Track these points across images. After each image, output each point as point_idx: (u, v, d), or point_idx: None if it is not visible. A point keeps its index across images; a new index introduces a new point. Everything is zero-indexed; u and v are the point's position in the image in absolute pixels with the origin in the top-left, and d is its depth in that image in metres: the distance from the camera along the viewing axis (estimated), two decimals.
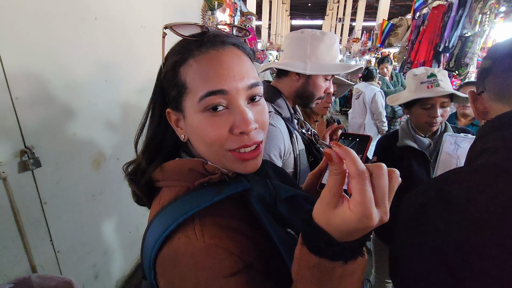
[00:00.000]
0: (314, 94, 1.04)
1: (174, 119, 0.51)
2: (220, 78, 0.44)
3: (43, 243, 1.38)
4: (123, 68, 1.78)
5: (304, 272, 0.35)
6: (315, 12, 25.46)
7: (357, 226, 0.32)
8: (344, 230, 0.33)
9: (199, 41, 0.46)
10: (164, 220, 0.44)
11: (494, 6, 2.93)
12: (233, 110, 0.44)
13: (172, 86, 0.48)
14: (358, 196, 0.31)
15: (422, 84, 1.23)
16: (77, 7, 1.44)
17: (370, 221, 0.31)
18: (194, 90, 0.45)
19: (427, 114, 1.23)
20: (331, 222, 0.33)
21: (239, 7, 4.68)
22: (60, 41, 1.37)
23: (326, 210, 0.34)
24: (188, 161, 0.50)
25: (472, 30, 3.29)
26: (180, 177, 0.49)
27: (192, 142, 0.51)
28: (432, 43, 3.97)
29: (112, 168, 1.75)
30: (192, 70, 0.45)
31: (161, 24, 0.46)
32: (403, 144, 1.27)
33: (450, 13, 3.62)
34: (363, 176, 0.31)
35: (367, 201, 0.31)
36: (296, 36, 1.05)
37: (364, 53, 10.27)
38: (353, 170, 0.32)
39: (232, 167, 0.48)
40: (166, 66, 0.48)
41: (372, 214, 0.31)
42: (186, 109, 0.47)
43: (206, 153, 0.49)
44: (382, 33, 6.73)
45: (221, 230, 0.43)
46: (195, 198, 0.45)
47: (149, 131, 0.53)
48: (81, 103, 1.52)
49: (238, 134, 0.44)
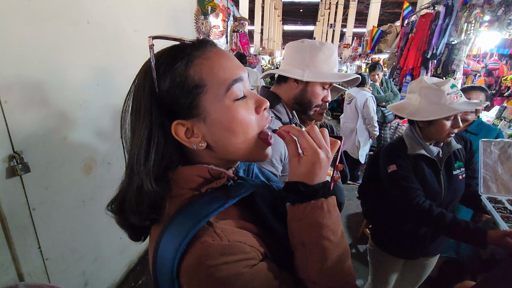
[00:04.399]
0: (312, 102, 1.07)
1: (183, 131, 0.47)
2: (235, 67, 0.48)
3: (31, 250, 1.35)
4: (115, 72, 1.76)
5: (304, 222, 0.46)
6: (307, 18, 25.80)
7: (313, 162, 0.46)
8: (309, 172, 0.46)
9: (197, 44, 0.48)
10: (180, 229, 0.43)
11: (479, 15, 3.03)
12: (249, 94, 0.50)
13: (183, 93, 0.45)
14: (305, 144, 0.46)
15: (449, 96, 1.18)
16: (69, 10, 1.43)
17: (319, 154, 0.46)
18: (215, 84, 0.46)
19: (452, 125, 1.19)
20: (300, 172, 0.46)
21: (232, 12, 4.71)
22: (52, 44, 1.35)
23: (294, 168, 0.47)
24: (193, 168, 0.50)
25: (458, 38, 3.40)
26: (186, 185, 0.49)
27: (218, 141, 0.48)
28: (420, 50, 4.07)
29: (103, 173, 1.72)
30: (205, 67, 0.46)
31: (154, 28, 0.46)
32: (415, 152, 1.25)
33: (437, 21, 3.73)
34: (302, 132, 0.47)
35: (311, 144, 0.46)
36: (297, 45, 1.09)
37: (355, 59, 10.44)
38: (296, 133, 0.48)
39: (258, 154, 0.51)
40: (170, 77, 0.45)
41: (317, 150, 0.46)
42: (208, 107, 0.46)
43: (240, 143, 0.48)
44: (372, 39, 6.87)
45: (237, 230, 0.46)
46: (206, 204, 0.46)
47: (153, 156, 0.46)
48: (72, 107, 1.50)
49: (261, 113, 0.51)
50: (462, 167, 1.32)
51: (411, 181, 1.23)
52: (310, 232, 0.45)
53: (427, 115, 1.19)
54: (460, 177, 1.30)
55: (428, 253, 1.42)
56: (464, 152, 1.37)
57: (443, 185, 1.27)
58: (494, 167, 1.27)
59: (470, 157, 1.39)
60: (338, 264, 0.45)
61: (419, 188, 1.23)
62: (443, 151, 1.29)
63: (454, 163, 1.30)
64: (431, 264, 1.50)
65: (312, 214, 0.45)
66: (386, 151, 1.35)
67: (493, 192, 1.26)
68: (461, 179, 1.30)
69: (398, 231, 1.39)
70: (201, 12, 3.16)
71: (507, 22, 2.72)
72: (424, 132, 1.27)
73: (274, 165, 0.99)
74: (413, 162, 1.26)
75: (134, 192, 0.48)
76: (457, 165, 1.30)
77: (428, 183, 1.25)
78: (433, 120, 1.20)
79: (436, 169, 1.27)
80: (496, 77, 3.62)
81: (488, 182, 1.27)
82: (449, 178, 1.29)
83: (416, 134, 1.27)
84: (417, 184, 1.23)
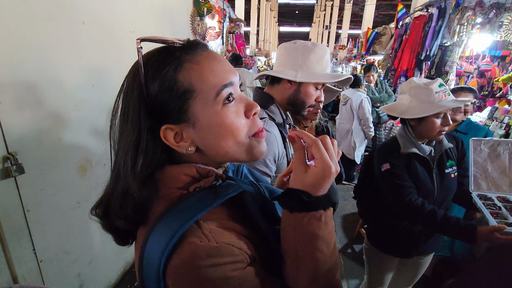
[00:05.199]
0: (305, 102, 1.08)
1: (172, 135, 0.47)
2: (225, 72, 0.47)
3: (25, 252, 1.34)
4: (111, 73, 1.76)
5: (300, 232, 0.44)
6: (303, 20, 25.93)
7: (323, 176, 0.44)
8: (316, 183, 0.44)
9: (187, 47, 0.46)
10: (167, 229, 0.42)
11: (471, 17, 3.09)
12: (239, 98, 0.49)
13: (172, 98, 0.45)
14: (318, 155, 0.44)
15: (437, 94, 1.23)
16: (65, 11, 1.42)
17: (331, 168, 0.44)
18: (206, 88, 0.45)
19: (441, 123, 1.23)
20: (306, 182, 0.45)
21: (228, 14, 4.72)
22: (47, 45, 1.35)
23: (300, 176, 0.45)
24: (180, 167, 0.49)
25: (451, 40, 3.46)
26: (174, 184, 0.48)
27: (208, 145, 0.48)
28: (414, 52, 4.13)
29: (98, 174, 1.71)
30: (194, 71, 0.45)
31: (149, 29, 0.46)
32: (408, 151, 1.28)
33: (431, 23, 3.78)
34: (317, 142, 0.45)
35: (325, 156, 0.44)
36: (289, 47, 1.10)
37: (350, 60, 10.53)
38: (309, 141, 0.46)
39: (253, 153, 0.50)
40: (158, 81, 0.44)
41: (330, 164, 0.44)
42: (197, 113, 0.46)
43: (231, 147, 0.48)
44: (367, 41, 6.93)
45: (225, 231, 0.45)
46: (194, 203, 0.45)
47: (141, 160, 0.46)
48: (67, 108, 1.49)
49: (251, 117, 0.50)
50: (454, 166, 1.34)
51: (404, 179, 1.26)
52: (305, 242, 0.44)
53: (417, 113, 1.23)
54: (452, 176, 1.33)
55: (422, 251, 1.43)
56: (456, 151, 1.40)
57: (436, 183, 1.30)
58: (484, 165, 1.30)
59: (462, 156, 1.42)
60: (328, 275, 0.45)
61: (412, 186, 1.26)
62: (435, 150, 1.32)
63: (446, 162, 1.33)
64: (426, 262, 1.52)
65: (310, 225, 0.44)
66: (380, 150, 1.38)
67: (483, 189, 1.29)
68: (453, 177, 1.33)
69: (393, 230, 1.40)
70: (197, 13, 3.16)
71: (498, 24, 2.78)
72: (416, 131, 1.30)
73: (267, 166, 0.99)
74: (406, 161, 1.29)
75: (118, 196, 0.47)
76: (449, 164, 1.33)
77: (421, 182, 1.28)
78: (423, 119, 1.24)
79: (428, 167, 1.30)
80: (489, 79, 3.68)
81: (478, 180, 1.30)
82: (442, 176, 1.31)
83: (409, 133, 1.31)
84: (410, 182, 1.26)
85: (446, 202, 1.35)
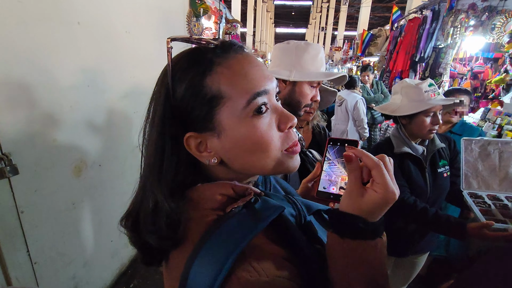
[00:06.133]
0: (301, 102, 1.08)
1: (195, 144, 0.43)
2: (260, 78, 0.43)
3: (19, 254, 1.32)
4: (106, 74, 1.75)
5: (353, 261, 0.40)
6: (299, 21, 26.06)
7: (384, 203, 0.39)
8: (374, 211, 0.40)
9: (220, 48, 0.43)
10: (212, 260, 0.37)
11: (464, 20, 3.13)
12: (274, 108, 0.44)
13: (198, 104, 0.41)
14: (380, 180, 0.39)
15: (426, 93, 1.27)
16: (60, 11, 1.42)
17: (394, 195, 0.39)
18: (235, 97, 0.41)
19: (431, 122, 1.27)
20: (363, 207, 0.39)
21: (224, 14, 4.73)
22: (41, 46, 1.34)
23: (356, 200, 0.40)
24: (215, 186, 0.45)
25: (445, 42, 3.50)
26: (208, 205, 0.44)
27: (233, 159, 0.44)
28: (408, 54, 4.17)
29: (94, 175, 1.70)
30: (225, 76, 0.41)
31: (146, 29, 0.44)
32: (401, 151, 1.31)
33: (425, 25, 3.83)
34: (380, 165, 0.39)
35: (388, 181, 0.39)
36: (283, 47, 1.11)
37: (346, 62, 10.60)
38: (371, 163, 0.40)
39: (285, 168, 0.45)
40: (184, 85, 0.41)
41: (394, 190, 0.39)
42: (224, 122, 0.42)
43: (259, 161, 0.43)
44: (362, 42, 7.00)
45: (274, 260, 0.41)
46: (235, 228, 0.41)
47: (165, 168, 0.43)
48: (62, 109, 1.48)
49: (286, 131, 0.45)
50: (446, 165, 1.37)
51: (397, 178, 1.27)
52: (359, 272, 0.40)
53: (406, 110, 1.29)
54: (445, 175, 1.36)
55: (417, 251, 1.45)
56: (448, 151, 1.43)
57: (429, 183, 1.32)
58: (475, 164, 1.32)
59: (454, 156, 1.44)
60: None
61: (405, 185, 1.28)
62: (428, 150, 1.35)
63: (439, 162, 1.36)
64: (421, 262, 1.54)
65: (365, 254, 0.39)
66: (374, 150, 1.43)
67: (474, 188, 1.32)
68: (445, 176, 1.36)
69: (388, 228, 1.41)
70: (193, 14, 3.16)
71: (491, 27, 2.82)
72: (408, 130, 1.34)
73: None
74: (399, 161, 1.32)
75: (149, 209, 0.43)
76: (441, 163, 1.36)
77: (414, 181, 1.30)
78: (414, 117, 1.29)
79: (421, 167, 1.33)
80: (482, 80, 3.73)
81: (469, 179, 1.32)
82: (434, 175, 1.34)
83: (402, 133, 1.35)
84: (403, 181, 1.29)
85: (439, 201, 1.38)
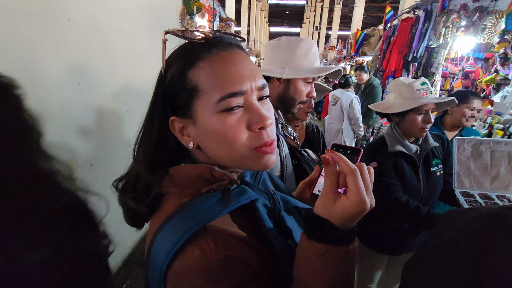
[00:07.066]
0: (295, 99, 1.06)
1: (179, 128, 0.48)
2: (237, 79, 0.44)
3: None
4: (97, 71, 1.72)
5: (315, 263, 0.39)
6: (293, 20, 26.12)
7: (356, 212, 0.39)
8: (345, 217, 0.39)
9: (207, 43, 0.46)
10: (175, 230, 0.41)
11: (456, 20, 3.17)
12: (248, 108, 0.45)
13: (180, 91, 0.46)
14: (354, 187, 0.39)
15: (418, 92, 1.28)
16: (49, 7, 1.38)
17: (366, 205, 0.39)
18: (210, 91, 0.44)
19: (423, 120, 1.28)
20: (334, 213, 0.40)
21: (218, 13, 4.70)
22: (30, 42, 1.30)
23: (328, 205, 0.40)
24: (195, 167, 0.48)
25: (437, 42, 3.54)
26: (186, 183, 0.48)
27: (206, 147, 0.48)
28: (401, 53, 4.21)
29: (85, 175, 1.66)
30: (205, 72, 0.44)
31: (137, 27, 0.46)
32: (395, 150, 1.31)
33: (418, 25, 3.87)
34: (355, 172, 0.39)
35: (361, 190, 0.39)
36: (274, 44, 1.08)
37: (340, 61, 10.65)
38: (347, 169, 0.40)
39: (253, 165, 0.47)
40: (172, 71, 0.46)
41: (366, 200, 0.39)
42: (198, 113, 0.45)
43: (227, 154, 0.46)
44: (356, 42, 7.04)
45: (233, 241, 0.43)
46: (205, 206, 0.43)
47: (150, 142, 0.48)
48: (52, 107, 1.45)
49: (256, 131, 0.45)
50: (439, 164, 1.38)
51: (391, 177, 1.29)
52: (318, 275, 0.40)
53: (398, 108, 1.31)
54: (438, 174, 1.37)
55: (411, 249, 1.46)
56: (442, 150, 1.44)
57: (422, 181, 1.33)
58: (467, 163, 1.34)
59: (448, 155, 1.46)
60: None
61: (398, 184, 1.29)
62: (421, 149, 1.36)
63: (432, 160, 1.37)
64: None
65: (328, 259, 0.39)
66: (368, 149, 1.42)
67: (466, 187, 1.33)
68: (439, 175, 1.37)
69: (382, 227, 1.43)
70: (186, 11, 3.13)
71: (482, 27, 2.86)
72: (401, 128, 1.35)
73: None
74: (393, 159, 1.33)
75: (133, 176, 0.50)
76: (435, 162, 1.37)
77: (407, 179, 1.31)
78: (406, 115, 1.31)
79: (414, 165, 1.34)
80: (473, 80, 3.80)
81: (462, 178, 1.34)
82: (427, 174, 1.35)
83: (396, 132, 1.35)
84: (396, 180, 1.29)
85: (432, 199, 1.39)
